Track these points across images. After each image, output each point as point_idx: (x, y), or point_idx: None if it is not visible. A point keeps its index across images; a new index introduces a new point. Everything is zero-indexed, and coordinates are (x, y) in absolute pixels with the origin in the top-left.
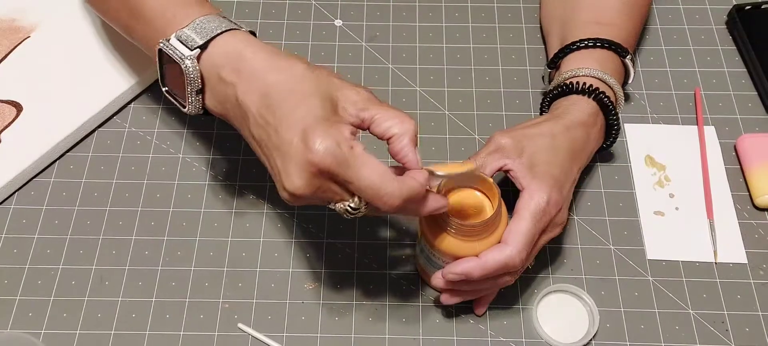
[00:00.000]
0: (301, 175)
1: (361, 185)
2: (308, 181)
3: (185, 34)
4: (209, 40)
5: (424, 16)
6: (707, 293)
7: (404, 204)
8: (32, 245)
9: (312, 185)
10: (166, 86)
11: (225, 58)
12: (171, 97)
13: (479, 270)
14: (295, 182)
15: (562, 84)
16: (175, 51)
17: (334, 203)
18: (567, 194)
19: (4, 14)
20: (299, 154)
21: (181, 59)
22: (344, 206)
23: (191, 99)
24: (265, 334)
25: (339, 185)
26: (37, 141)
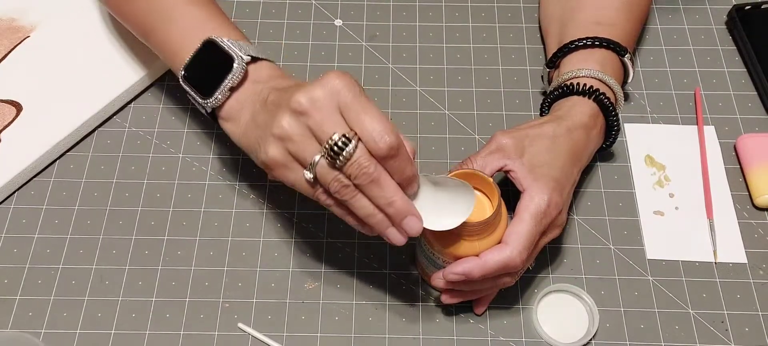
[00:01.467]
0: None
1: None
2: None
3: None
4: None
5: (424, 15)
6: (707, 293)
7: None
8: (32, 245)
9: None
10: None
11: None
12: (189, 85)
13: (479, 270)
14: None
15: (562, 85)
16: (230, 47)
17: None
18: (567, 195)
19: (4, 14)
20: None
21: (236, 56)
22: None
23: (221, 93)
24: (265, 334)
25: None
26: (37, 141)
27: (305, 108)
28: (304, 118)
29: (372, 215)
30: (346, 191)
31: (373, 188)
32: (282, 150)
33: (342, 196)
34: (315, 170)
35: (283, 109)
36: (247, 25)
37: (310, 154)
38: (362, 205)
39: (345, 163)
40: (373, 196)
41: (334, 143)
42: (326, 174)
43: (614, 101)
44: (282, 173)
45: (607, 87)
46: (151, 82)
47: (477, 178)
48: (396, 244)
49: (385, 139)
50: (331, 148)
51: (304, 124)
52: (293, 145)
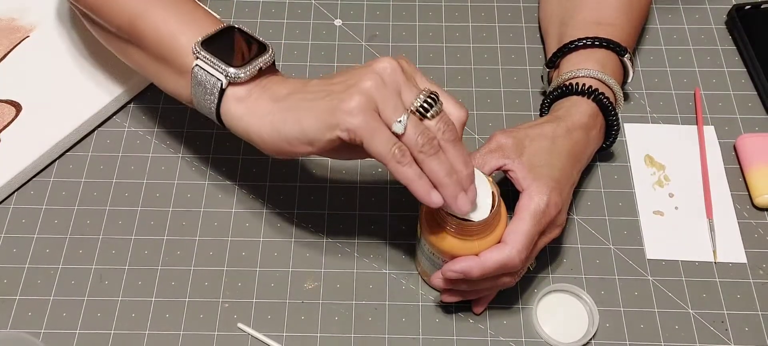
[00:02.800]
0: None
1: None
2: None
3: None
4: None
5: (424, 15)
6: (707, 293)
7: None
8: (32, 245)
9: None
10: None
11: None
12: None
13: (478, 269)
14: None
15: (562, 85)
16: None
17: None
18: (566, 195)
19: (4, 13)
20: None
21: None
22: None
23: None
24: (265, 334)
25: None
26: (36, 140)
27: (389, 71)
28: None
29: (450, 175)
30: (432, 144)
31: (455, 147)
32: (367, 100)
33: (427, 150)
34: (405, 123)
35: (363, 73)
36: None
37: (398, 109)
38: (443, 162)
39: (433, 118)
40: (453, 154)
41: (424, 100)
42: (416, 127)
43: (614, 101)
44: (363, 121)
45: (606, 87)
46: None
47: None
48: (461, 211)
49: (464, 109)
50: (421, 104)
51: (391, 83)
52: (382, 98)
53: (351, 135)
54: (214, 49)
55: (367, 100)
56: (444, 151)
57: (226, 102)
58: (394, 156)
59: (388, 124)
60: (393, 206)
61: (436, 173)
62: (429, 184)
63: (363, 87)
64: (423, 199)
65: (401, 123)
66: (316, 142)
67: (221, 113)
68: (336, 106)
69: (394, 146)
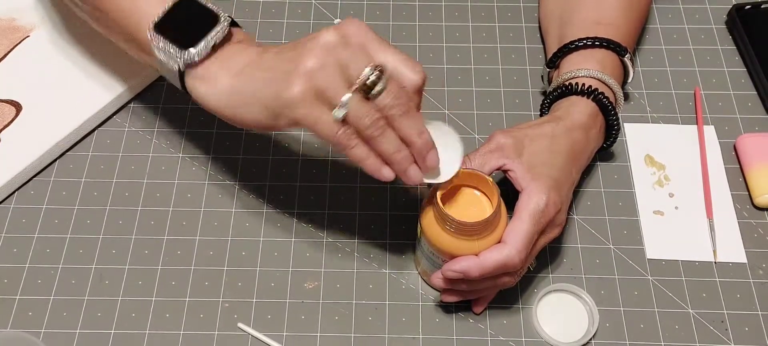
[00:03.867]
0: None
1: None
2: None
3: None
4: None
5: (424, 15)
6: (707, 293)
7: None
8: (32, 244)
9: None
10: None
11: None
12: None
13: (478, 269)
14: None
15: (562, 85)
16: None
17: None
18: (566, 195)
19: (4, 13)
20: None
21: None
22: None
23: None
24: (265, 333)
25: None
26: (36, 140)
27: (336, 42)
28: (334, 53)
29: (399, 151)
30: (377, 125)
31: (406, 119)
32: (309, 86)
33: (372, 131)
34: (348, 105)
35: (310, 45)
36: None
37: (340, 91)
38: (390, 140)
39: (378, 95)
40: (404, 127)
41: (367, 77)
42: (359, 108)
43: (614, 101)
44: (305, 112)
45: (606, 87)
46: (151, 81)
47: (476, 177)
48: (413, 182)
49: (420, 71)
50: (364, 82)
51: (335, 60)
52: (324, 79)
53: (295, 124)
54: (168, 30)
55: (308, 87)
56: (394, 126)
57: (188, 81)
58: (339, 140)
59: (330, 108)
60: (393, 206)
61: (383, 152)
62: (379, 160)
63: (304, 70)
64: (374, 176)
65: (343, 108)
66: (269, 126)
67: (189, 91)
68: (279, 94)
69: (340, 130)
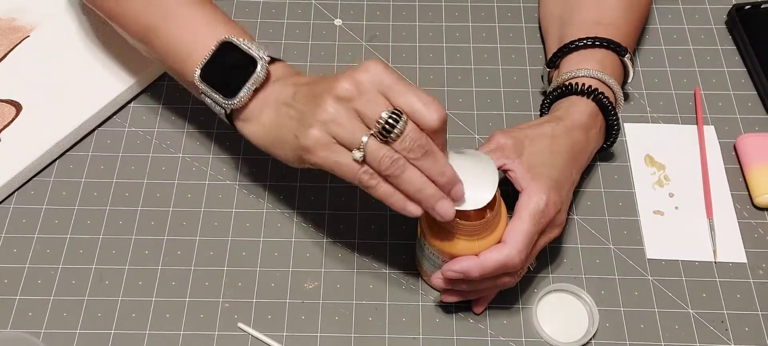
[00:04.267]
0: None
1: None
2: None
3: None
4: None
5: (424, 15)
6: (707, 293)
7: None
8: (32, 245)
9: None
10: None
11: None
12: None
13: (478, 269)
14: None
15: (562, 85)
16: (250, 48)
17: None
18: (566, 195)
19: (4, 13)
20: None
21: (259, 57)
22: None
23: (245, 93)
24: (265, 333)
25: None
26: (36, 140)
27: (351, 92)
28: (350, 102)
29: (423, 189)
30: (397, 165)
31: (427, 159)
32: (325, 133)
33: (393, 171)
34: (365, 149)
35: (325, 95)
36: (247, 25)
37: (357, 135)
38: (413, 178)
39: (397, 138)
40: (426, 168)
41: (384, 121)
42: (377, 151)
43: (614, 101)
44: (324, 156)
45: (606, 87)
46: (151, 81)
47: None
48: (445, 217)
49: (438, 111)
50: (382, 126)
51: (351, 108)
52: (339, 127)
53: (318, 167)
54: (212, 78)
55: (324, 133)
56: (416, 167)
57: (235, 122)
58: (362, 180)
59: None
60: None
61: (406, 192)
62: (403, 197)
63: (320, 119)
64: (402, 212)
65: (360, 152)
66: (301, 165)
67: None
68: (299, 141)
69: (360, 170)
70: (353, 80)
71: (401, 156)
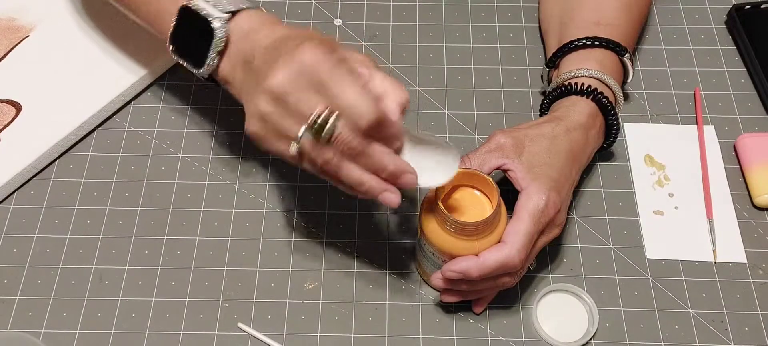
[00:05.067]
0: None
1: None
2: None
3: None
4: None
5: (424, 15)
6: (707, 293)
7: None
8: (32, 245)
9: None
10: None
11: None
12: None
13: (477, 269)
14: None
15: (562, 85)
16: (205, 10)
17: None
18: (566, 195)
19: (4, 13)
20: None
21: (214, 19)
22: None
23: (210, 61)
24: (265, 333)
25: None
26: (36, 140)
27: (278, 93)
28: (280, 102)
29: (361, 183)
30: (330, 165)
31: (361, 159)
32: (262, 126)
33: (328, 170)
34: (300, 144)
35: (259, 88)
36: None
37: (292, 131)
38: (350, 175)
39: (327, 139)
40: (363, 165)
41: (313, 122)
42: (310, 150)
43: (613, 101)
44: (266, 147)
45: (606, 87)
46: (151, 81)
47: (476, 177)
48: (391, 205)
49: (365, 116)
50: (311, 126)
51: (281, 106)
52: (273, 124)
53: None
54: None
55: (262, 126)
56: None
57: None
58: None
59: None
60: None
61: (350, 183)
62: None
63: (257, 112)
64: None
65: (296, 146)
66: None
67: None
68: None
69: (303, 161)
70: (280, 79)
71: (335, 156)
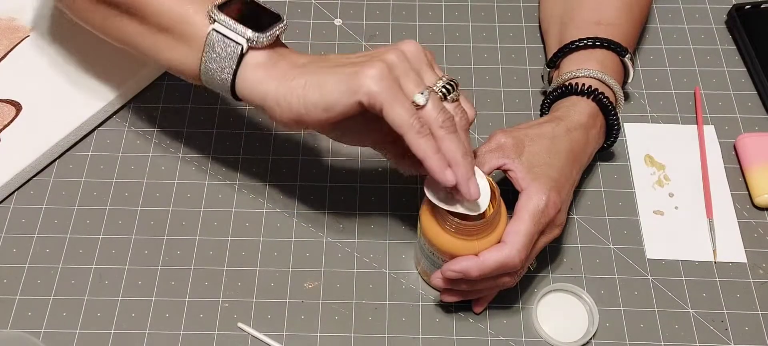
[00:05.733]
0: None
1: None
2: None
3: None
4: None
5: (424, 15)
6: (707, 293)
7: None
8: (32, 244)
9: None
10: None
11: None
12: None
13: (477, 269)
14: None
15: (562, 85)
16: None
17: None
18: (566, 195)
19: (3, 13)
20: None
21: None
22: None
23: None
24: (265, 333)
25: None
26: (36, 140)
27: (413, 52)
28: (410, 59)
29: (466, 156)
30: (452, 123)
31: (464, 135)
32: (387, 71)
33: (447, 127)
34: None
35: (386, 49)
36: None
37: (418, 84)
38: (459, 143)
39: (453, 102)
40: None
41: (445, 83)
42: (436, 104)
43: (614, 101)
44: (385, 86)
45: (606, 87)
46: (151, 81)
47: None
48: (472, 196)
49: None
50: (443, 85)
51: (412, 62)
52: (402, 71)
53: (371, 99)
54: (230, 14)
55: (389, 70)
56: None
57: (244, 68)
58: (412, 126)
59: (409, 96)
60: (393, 206)
61: (452, 152)
62: (445, 161)
63: (386, 58)
64: (437, 175)
65: (423, 96)
66: (334, 107)
67: (237, 80)
68: (358, 70)
69: (413, 117)
70: (415, 45)
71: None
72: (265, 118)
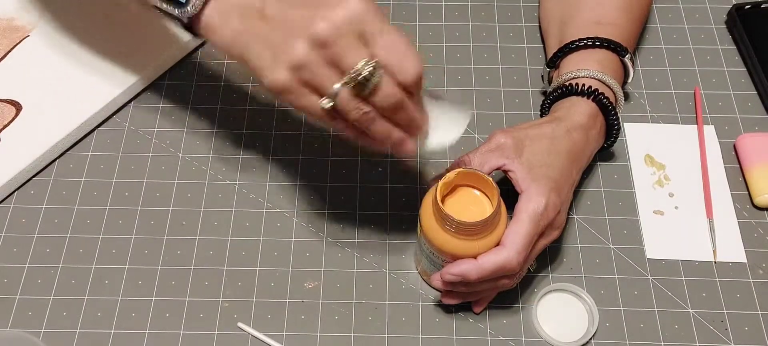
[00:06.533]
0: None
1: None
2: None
3: None
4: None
5: (424, 15)
6: (707, 292)
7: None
8: (32, 244)
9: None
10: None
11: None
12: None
13: (476, 272)
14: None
15: (562, 86)
16: None
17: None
18: (566, 196)
19: (4, 13)
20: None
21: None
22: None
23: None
24: (265, 333)
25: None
26: (36, 140)
27: (325, 39)
28: (325, 48)
29: (390, 136)
30: (367, 118)
31: (398, 112)
32: (292, 77)
33: (362, 122)
34: (336, 99)
35: (297, 34)
36: None
37: (328, 83)
38: (381, 129)
39: (371, 93)
40: (396, 118)
41: (358, 74)
42: (348, 103)
43: (614, 101)
44: (291, 99)
45: (606, 87)
46: (151, 81)
47: (476, 177)
48: (407, 153)
49: (416, 67)
50: (354, 78)
51: (324, 55)
52: (309, 74)
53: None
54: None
55: (292, 78)
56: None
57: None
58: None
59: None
60: (393, 206)
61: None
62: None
63: (291, 61)
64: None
65: (328, 101)
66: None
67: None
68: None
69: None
70: (331, 22)
71: (372, 109)
72: (265, 119)
